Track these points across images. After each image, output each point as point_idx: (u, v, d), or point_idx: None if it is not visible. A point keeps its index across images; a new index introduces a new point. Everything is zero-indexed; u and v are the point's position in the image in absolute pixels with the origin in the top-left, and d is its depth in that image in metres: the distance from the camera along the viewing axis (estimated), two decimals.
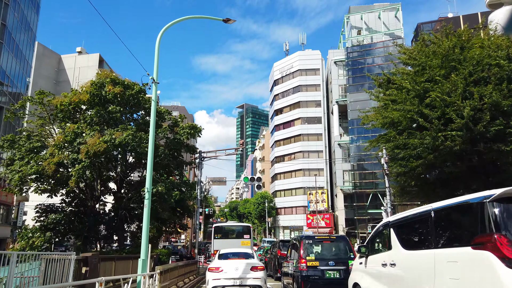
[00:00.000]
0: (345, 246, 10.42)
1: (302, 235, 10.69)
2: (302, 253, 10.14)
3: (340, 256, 10.25)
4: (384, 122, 24.23)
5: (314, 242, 10.44)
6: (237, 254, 13.01)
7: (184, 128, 22.53)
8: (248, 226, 27.86)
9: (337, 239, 10.67)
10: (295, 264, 10.57)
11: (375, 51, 58.74)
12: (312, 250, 10.29)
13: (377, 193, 54.54)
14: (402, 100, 22.76)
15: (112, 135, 19.64)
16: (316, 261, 9.91)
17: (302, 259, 10.00)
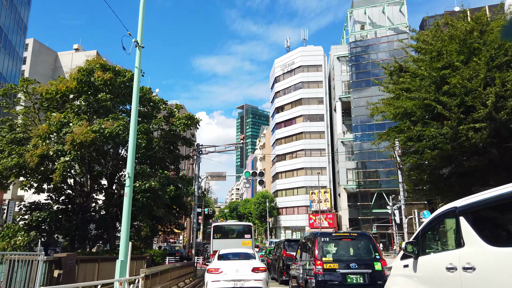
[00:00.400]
0: (368, 245, 8.68)
1: (317, 232, 8.93)
2: (317, 253, 8.40)
3: (363, 257, 8.51)
4: (396, 113, 22.50)
5: (331, 240, 8.70)
6: (238, 254, 12.61)
7: (180, 119, 20.77)
8: (249, 225, 26.19)
9: (359, 236, 8.90)
10: (307, 267, 8.83)
11: (380, 46, 57.03)
12: (329, 249, 8.56)
13: (381, 192, 52.79)
14: (416, 88, 21.08)
15: (102, 124, 17.91)
16: (335, 263, 8.17)
17: (317, 260, 8.26)
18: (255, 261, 11.52)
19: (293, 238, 18.14)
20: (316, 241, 8.61)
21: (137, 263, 17.51)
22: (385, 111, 23.28)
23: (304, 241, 10.23)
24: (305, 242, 10.06)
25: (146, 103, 21.99)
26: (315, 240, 8.65)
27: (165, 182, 19.54)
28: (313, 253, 8.52)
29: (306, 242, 9.82)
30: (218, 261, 11.63)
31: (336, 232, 8.93)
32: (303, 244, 10.32)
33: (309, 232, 9.46)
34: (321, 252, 8.45)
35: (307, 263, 8.88)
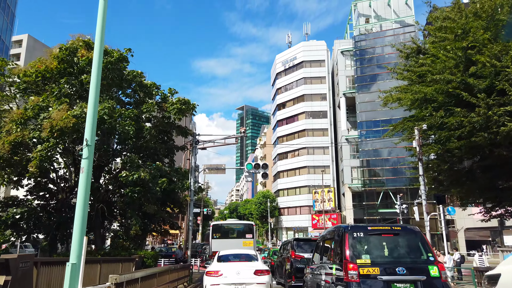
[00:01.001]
0: (417, 242, 6.44)
1: (346, 225, 6.69)
2: (349, 254, 6.17)
3: (412, 258, 6.28)
4: (414, 99, 20.29)
5: (367, 236, 6.46)
6: (239, 256, 11.90)
7: (173, 104, 18.53)
8: (250, 224, 24.05)
9: (404, 231, 6.62)
10: (334, 272, 6.58)
11: (385, 40, 54.82)
12: (365, 249, 6.33)
13: (388, 191, 50.53)
14: (439, 70, 18.89)
15: (84, 108, 15.67)
16: (374, 267, 5.94)
17: (349, 263, 6.03)
18: (258, 263, 10.84)
19: (303, 237, 15.92)
20: (346, 238, 6.38)
21: (123, 265, 15.24)
22: (402, 98, 21.08)
23: (325, 239, 7.98)
24: (327, 240, 7.82)
25: (137, 88, 19.78)
26: (345, 236, 6.42)
27: (156, 174, 17.31)
28: (343, 253, 6.28)
29: (329, 240, 7.58)
30: (217, 263, 10.83)
31: (372, 226, 6.67)
32: (323, 243, 8.07)
33: (333, 227, 7.08)
34: (354, 251, 6.21)
35: (334, 267, 6.62)
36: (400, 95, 21.09)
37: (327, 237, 7.89)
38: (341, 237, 6.57)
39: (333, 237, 7.23)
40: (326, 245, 7.81)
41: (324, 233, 8.32)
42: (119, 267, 14.83)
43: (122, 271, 14.83)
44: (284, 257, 15.89)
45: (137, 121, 18.22)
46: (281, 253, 17.11)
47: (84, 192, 5.35)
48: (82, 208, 5.29)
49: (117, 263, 14.69)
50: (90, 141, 5.39)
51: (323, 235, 8.35)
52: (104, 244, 20.64)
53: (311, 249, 14.69)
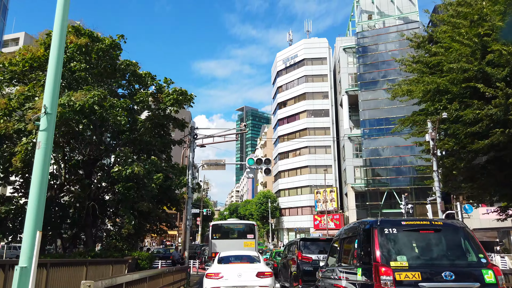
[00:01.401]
0: (464, 240, 5.20)
1: (373, 220, 5.44)
2: (379, 254, 4.93)
3: (460, 261, 5.03)
4: (426, 91, 19.04)
5: (401, 232, 5.21)
6: (240, 257, 11.42)
7: (169, 95, 17.29)
8: (251, 224, 22.80)
9: (447, 226, 5.33)
10: (359, 277, 5.33)
11: (389, 36, 53.66)
12: (400, 249, 5.09)
13: (392, 191, 49.23)
14: (454, 59, 17.66)
15: (71, 96, 14.46)
16: (414, 271, 4.70)
17: (381, 266, 4.79)
18: (260, 264, 10.40)
19: (310, 237, 14.64)
20: (374, 235, 5.14)
21: (114, 268, 14.00)
22: (413, 90, 19.84)
23: (344, 238, 6.72)
24: (346, 239, 6.57)
25: (132, 79, 18.56)
26: (373, 233, 5.19)
27: (151, 169, 16.08)
28: (371, 254, 5.04)
29: (349, 238, 6.34)
30: (218, 264, 10.33)
31: (407, 220, 5.42)
32: (341, 243, 6.81)
33: (354, 223, 5.78)
34: (386, 252, 4.97)
35: (359, 271, 5.37)
36: (411, 87, 19.85)
37: (346, 235, 6.64)
38: (368, 234, 5.34)
39: (355, 235, 5.99)
40: (345, 245, 6.56)
41: (342, 231, 7.06)
42: (109, 270, 13.58)
43: (113, 274, 13.60)
44: (289, 258, 14.65)
45: (130, 112, 17.02)
46: (286, 254, 15.86)
47: (40, 175, 4.13)
48: (37, 195, 4.08)
49: (106, 265, 13.44)
50: (50, 109, 4.16)
51: (340, 234, 7.09)
52: (96, 245, 19.41)
53: (319, 250, 13.46)
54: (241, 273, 9.46)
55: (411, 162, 48.79)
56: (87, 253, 15.85)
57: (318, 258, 12.75)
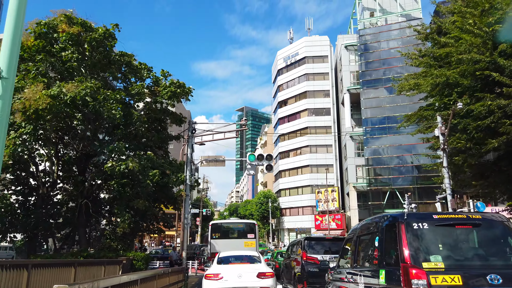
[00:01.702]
0: (508, 237, 4.39)
1: (399, 213, 4.60)
2: (408, 254, 4.12)
3: (505, 261, 4.21)
4: (435, 84, 18.24)
5: (433, 228, 4.39)
6: (240, 257, 11.17)
7: (166, 87, 16.47)
8: (252, 224, 22.00)
9: (486, 221, 4.51)
10: (383, 281, 4.50)
11: (391, 34, 52.83)
12: (432, 247, 4.26)
13: (395, 190, 48.36)
14: (463, 50, 16.87)
15: (62, 88, 13.65)
16: (453, 273, 3.89)
17: (411, 267, 3.98)
18: (261, 265, 10.16)
19: (316, 236, 13.82)
20: (401, 231, 4.33)
21: (106, 269, 13.17)
22: (421, 84, 19.04)
23: (359, 235, 5.90)
24: (363, 236, 5.75)
25: (127, 70, 17.73)
26: (399, 229, 4.37)
27: (147, 165, 15.25)
28: (399, 254, 4.22)
29: (367, 236, 5.52)
30: (217, 265, 10.09)
31: (440, 214, 4.59)
32: (356, 241, 5.98)
33: (373, 218, 4.93)
34: (416, 251, 4.16)
35: (382, 273, 4.55)
36: (419, 81, 19.05)
37: (362, 232, 5.83)
38: (392, 230, 4.52)
39: (374, 232, 5.18)
40: (362, 244, 5.74)
41: (358, 227, 6.23)
42: (101, 271, 12.75)
43: (105, 275, 12.78)
44: (293, 259, 13.83)
45: (125, 106, 16.20)
46: (289, 255, 15.04)
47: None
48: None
49: (98, 266, 12.61)
50: (6, 73, 3.35)
51: (355, 231, 6.26)
52: (90, 245, 18.59)
53: (324, 250, 12.65)
54: (241, 273, 9.21)
55: (414, 161, 48.07)
56: (80, 254, 15.06)
57: (324, 259, 11.95)
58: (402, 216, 4.52)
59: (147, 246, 54.50)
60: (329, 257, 11.98)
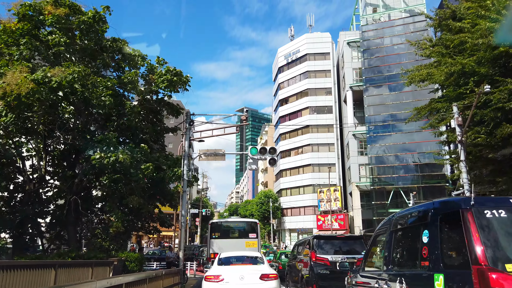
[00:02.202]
0: None
1: (463, 198, 3.34)
2: (483, 252, 2.90)
3: None
4: (449, 73, 17.04)
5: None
6: (242, 258, 10.84)
7: (162, 75, 15.26)
8: (253, 222, 20.84)
9: None
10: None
11: (394, 30, 51.67)
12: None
13: (399, 189, 47.11)
14: (480, 36, 15.70)
15: (47, 72, 12.46)
16: None
17: (491, 271, 2.76)
18: (264, 266, 9.83)
19: (326, 235, 12.53)
20: (469, 220, 3.14)
21: (95, 271, 11.99)
22: (433, 73, 17.85)
23: (397, 229, 4.66)
24: (401, 231, 4.53)
25: (121, 58, 16.53)
26: (465, 218, 3.19)
27: (140, 158, 14.06)
28: (470, 251, 3.02)
29: (409, 229, 4.31)
30: (218, 266, 9.75)
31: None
32: (392, 235, 4.74)
33: (422, 204, 3.62)
34: (493, 248, 2.96)
35: (438, 278, 3.34)
36: (431, 70, 17.87)
37: (399, 225, 4.61)
38: (452, 220, 3.32)
39: (421, 224, 3.97)
40: (399, 240, 4.53)
41: (392, 219, 5.00)
42: (88, 273, 11.55)
43: (93, 278, 11.59)
44: (299, 260, 12.63)
45: (116, 95, 15.01)
46: (295, 255, 13.84)
47: None
48: None
49: (85, 268, 11.42)
50: None
51: (388, 224, 5.02)
52: (82, 245, 17.38)
53: (334, 250, 11.45)
54: (243, 275, 8.83)
55: (419, 159, 46.88)
56: (67, 254, 13.84)
57: (335, 259, 10.76)
58: (467, 202, 3.33)
59: (145, 247, 53.22)
60: (341, 257, 10.79)
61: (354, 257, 10.84)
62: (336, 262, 10.70)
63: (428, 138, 46.98)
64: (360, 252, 11.07)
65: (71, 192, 15.43)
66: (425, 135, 47.17)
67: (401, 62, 49.67)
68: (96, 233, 15.58)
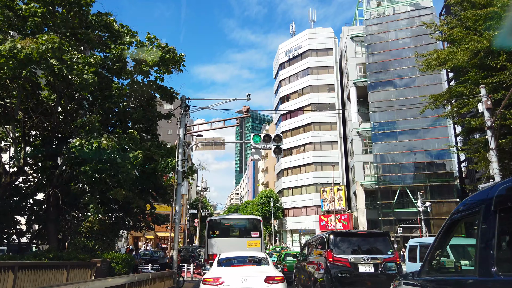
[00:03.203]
0: None
1: None
2: None
3: None
4: (475, 51, 15.33)
5: None
6: (244, 259, 9.89)
7: (153, 53, 13.48)
8: (256, 220, 19.14)
9: None
10: None
11: (400, 23, 50.02)
12: None
13: (405, 188, 45.34)
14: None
15: (16, 44, 10.70)
16: None
17: None
18: (269, 267, 8.84)
19: (345, 231, 10.63)
20: None
21: (71, 273, 10.23)
22: (457, 53, 16.13)
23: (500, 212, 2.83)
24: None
25: (107, 37, 14.77)
26: None
27: (129, 146, 12.29)
28: None
29: None
30: (217, 268, 8.84)
31: None
32: (490, 225, 2.89)
33: None
34: None
35: None
36: (453, 49, 16.15)
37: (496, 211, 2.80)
38: None
39: None
40: (499, 231, 2.72)
41: (499, 188, 3.14)
42: (63, 276, 9.78)
43: (68, 281, 9.82)
44: (311, 261, 10.85)
45: (102, 74, 13.26)
46: (305, 256, 12.05)
47: None
48: None
49: (58, 270, 9.63)
50: None
51: (483, 197, 3.17)
52: (65, 244, 15.56)
53: (353, 249, 9.68)
54: (246, 278, 7.88)
55: (427, 157, 45.17)
56: (44, 255, 12.07)
57: (355, 261, 9.00)
58: None
59: (143, 248, 51.33)
60: (363, 257, 9.02)
61: (377, 257, 9.11)
62: (357, 264, 8.94)
63: (435, 135, 45.34)
64: (385, 252, 9.31)
65: (51, 185, 13.67)
66: (432, 132, 45.52)
67: (406, 57, 48.10)
68: (79, 231, 13.80)
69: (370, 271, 8.88)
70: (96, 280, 6.96)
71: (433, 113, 45.71)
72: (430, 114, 45.76)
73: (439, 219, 42.87)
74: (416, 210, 41.54)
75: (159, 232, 56.51)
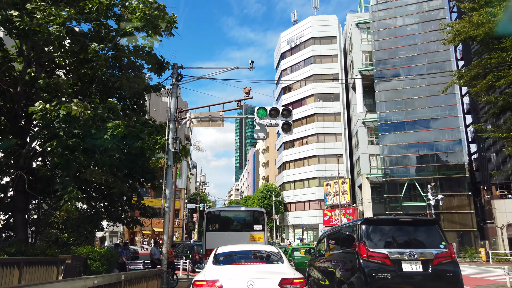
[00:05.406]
0: None
1: None
2: None
3: None
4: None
5: None
6: (249, 254, 7.29)
7: (138, 9, 11.19)
8: (259, 212, 17.04)
9: None
10: None
11: (407, 9, 47.65)
12: None
13: (414, 181, 43.17)
14: None
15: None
16: None
17: None
18: (283, 266, 6.25)
19: (383, 218, 8.33)
20: None
21: (26, 272, 8.03)
22: (496, 14, 13.87)
23: None
24: None
25: None
26: None
27: (105, 115, 10.03)
28: None
29: None
30: (214, 266, 6.29)
31: None
32: None
33: None
34: None
35: None
36: (492, 9, 13.86)
37: None
38: None
39: None
40: None
41: None
42: (13, 276, 7.56)
43: (22, 283, 7.62)
44: (331, 257, 8.64)
45: (74, 32, 10.98)
46: (321, 251, 9.82)
47: None
48: None
49: (5, 268, 7.43)
50: None
51: None
52: (35, 237, 13.31)
53: (392, 243, 7.32)
54: (252, 280, 5.52)
55: (436, 148, 43.01)
56: (3, 250, 9.84)
57: (398, 257, 6.76)
58: None
59: (139, 244, 49.15)
60: (408, 252, 6.77)
61: (426, 253, 6.86)
62: (400, 261, 6.71)
63: (444, 125, 43.13)
64: (435, 245, 7.06)
65: (18, 166, 11.42)
66: (441, 122, 43.30)
67: (415, 43, 45.84)
68: (50, 221, 11.58)
69: (417, 270, 6.66)
70: (69, 280, 4.72)
71: (444, 102, 43.81)
72: (440, 103, 43.78)
73: (449, 213, 40.78)
74: (425, 204, 39.42)
75: (156, 228, 54.43)
